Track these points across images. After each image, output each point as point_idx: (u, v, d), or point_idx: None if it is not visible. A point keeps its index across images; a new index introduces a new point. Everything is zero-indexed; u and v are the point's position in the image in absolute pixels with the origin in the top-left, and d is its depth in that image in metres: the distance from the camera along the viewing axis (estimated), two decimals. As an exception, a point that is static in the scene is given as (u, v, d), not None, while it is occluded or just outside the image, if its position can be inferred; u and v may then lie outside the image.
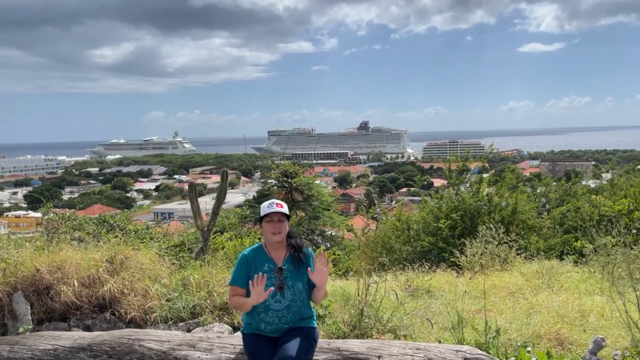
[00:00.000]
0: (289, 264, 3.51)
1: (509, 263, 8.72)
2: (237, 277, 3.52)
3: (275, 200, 3.54)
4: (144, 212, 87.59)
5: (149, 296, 4.83)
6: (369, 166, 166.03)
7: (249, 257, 3.54)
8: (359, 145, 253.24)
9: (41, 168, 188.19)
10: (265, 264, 3.51)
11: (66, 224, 13.64)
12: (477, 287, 7.55)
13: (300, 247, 3.56)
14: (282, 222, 3.48)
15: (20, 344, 3.61)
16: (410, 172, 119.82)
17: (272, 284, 3.43)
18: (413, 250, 11.60)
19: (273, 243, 3.51)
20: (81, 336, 3.61)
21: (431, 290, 7.47)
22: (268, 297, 3.38)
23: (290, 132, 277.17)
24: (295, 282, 3.47)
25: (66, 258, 4.96)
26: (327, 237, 18.44)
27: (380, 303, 4.53)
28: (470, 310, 6.33)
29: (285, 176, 18.92)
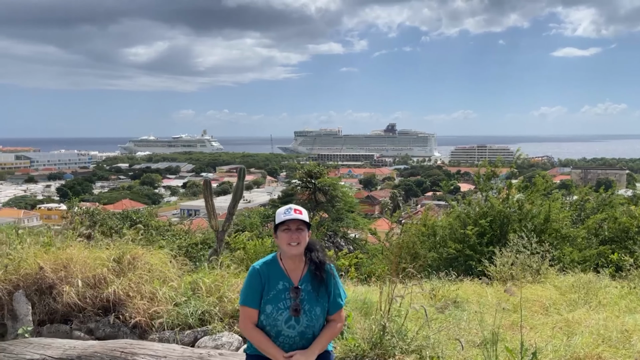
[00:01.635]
0: (307, 284, 3.01)
1: (542, 275, 8.25)
2: (248, 296, 3.00)
3: (293, 206, 3.03)
4: (170, 208, 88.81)
5: (156, 300, 4.56)
6: (394, 169, 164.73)
7: (261, 271, 3.02)
8: (385, 148, 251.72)
9: (74, 162, 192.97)
10: (280, 282, 3.00)
11: (90, 218, 13.69)
12: (507, 299, 7.12)
13: (321, 263, 3.03)
14: (301, 231, 2.96)
15: (6, 352, 3.39)
16: (437, 176, 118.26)
17: (287, 306, 2.96)
18: (439, 257, 11.20)
19: (290, 256, 3.00)
20: (72, 346, 3.37)
21: (458, 301, 7.07)
22: (281, 321, 2.95)
23: (316, 132, 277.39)
24: (313, 306, 2.98)
25: (72, 256, 4.74)
26: (349, 240, 18.08)
27: (405, 318, 4.13)
28: (501, 325, 5.92)
29: (309, 176, 18.66)
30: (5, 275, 4.61)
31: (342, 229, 18.00)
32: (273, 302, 2.97)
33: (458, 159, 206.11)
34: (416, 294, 7.35)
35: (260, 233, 13.27)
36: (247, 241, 9.50)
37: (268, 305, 2.97)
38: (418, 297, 7.19)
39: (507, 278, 8.30)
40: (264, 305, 2.98)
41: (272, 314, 2.96)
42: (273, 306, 2.97)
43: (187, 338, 4.22)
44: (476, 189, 12.31)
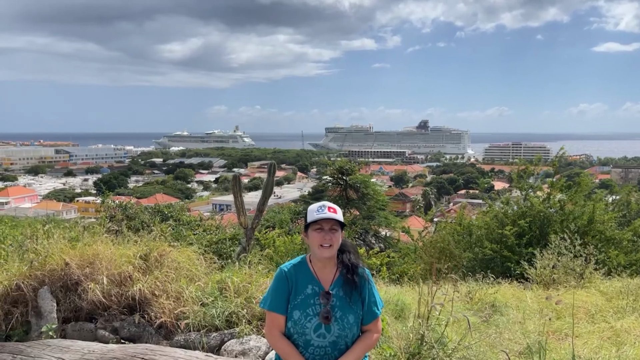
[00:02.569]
0: (338, 288, 2.73)
1: (586, 279, 7.82)
2: (274, 300, 2.75)
3: (327, 203, 2.75)
4: (203, 203, 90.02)
5: (182, 299, 4.41)
6: (426, 166, 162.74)
7: (289, 274, 2.76)
8: (417, 145, 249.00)
9: (110, 157, 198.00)
10: (309, 286, 2.74)
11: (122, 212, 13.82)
12: (549, 304, 6.75)
13: (354, 266, 2.75)
14: (334, 231, 2.69)
15: (23, 354, 3.29)
16: (470, 174, 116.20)
17: (316, 312, 2.68)
18: (474, 258, 10.83)
19: (321, 258, 2.72)
20: (91, 350, 3.24)
21: (496, 305, 6.74)
22: (309, 329, 2.68)
23: (347, 129, 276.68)
24: (346, 313, 2.70)
25: (98, 252, 4.64)
26: (381, 238, 17.75)
27: (445, 327, 3.84)
28: (544, 332, 5.58)
29: (340, 173, 18.40)
30: (30, 271, 4.54)
31: (373, 227, 17.69)
32: (301, 307, 2.71)
33: (492, 157, 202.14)
34: (452, 296, 7.07)
35: (290, 230, 13.11)
36: (277, 238, 9.37)
37: (296, 311, 2.72)
38: (454, 300, 6.90)
39: (549, 282, 7.91)
40: (291, 311, 2.73)
41: (300, 320, 2.70)
42: (301, 312, 2.71)
43: (213, 341, 4.05)
44: (511, 187, 11.86)
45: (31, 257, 4.67)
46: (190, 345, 3.94)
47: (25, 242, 4.99)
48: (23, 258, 4.83)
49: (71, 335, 4.28)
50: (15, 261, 4.83)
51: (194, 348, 3.87)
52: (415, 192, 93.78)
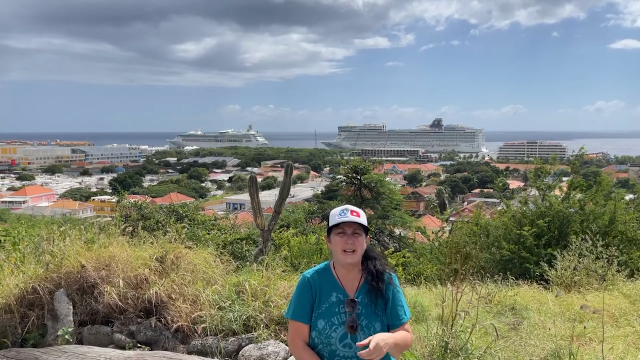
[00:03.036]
0: (364, 296, 2.63)
1: (608, 281, 7.63)
2: (297, 308, 2.65)
3: (350, 207, 2.66)
4: (217, 201, 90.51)
5: (199, 302, 4.35)
6: (440, 165, 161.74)
7: (312, 281, 2.65)
8: (430, 143, 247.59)
9: (125, 156, 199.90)
10: (333, 293, 2.63)
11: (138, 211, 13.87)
12: (570, 307, 6.60)
13: (380, 272, 2.64)
14: (357, 236, 2.59)
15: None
16: (485, 172, 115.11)
17: (342, 321, 2.57)
18: (492, 259, 10.64)
19: (344, 265, 2.62)
20: (108, 357, 3.19)
21: (516, 308, 6.60)
22: (335, 339, 2.56)
23: (360, 128, 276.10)
24: (372, 322, 2.59)
25: (114, 254, 4.59)
26: (396, 238, 17.61)
27: (470, 334, 3.70)
28: (566, 336, 5.44)
29: (355, 172, 18.29)
30: (46, 274, 4.51)
31: (388, 226, 17.55)
32: (325, 316, 2.60)
33: (507, 155, 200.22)
34: (471, 299, 6.94)
35: (304, 230, 13.05)
36: (291, 237, 9.30)
37: (320, 320, 2.60)
38: (474, 302, 6.77)
39: (570, 284, 7.74)
40: (315, 320, 2.61)
41: (325, 330, 2.58)
42: (326, 321, 2.59)
43: (230, 345, 3.98)
44: (526, 186, 11.67)
45: (47, 259, 4.64)
46: (207, 350, 3.88)
47: (42, 243, 4.97)
48: (39, 260, 4.81)
49: (87, 339, 4.25)
50: (32, 263, 4.82)
51: (211, 353, 3.82)
52: (429, 191, 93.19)
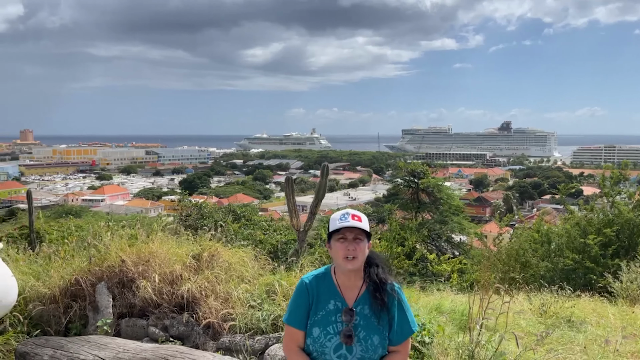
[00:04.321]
0: (363, 306, 2.50)
1: (680, 296, 7.03)
2: (293, 313, 2.57)
3: (351, 211, 2.54)
4: (280, 203, 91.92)
5: (230, 300, 4.42)
6: (508, 169, 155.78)
7: (310, 286, 2.56)
8: (498, 147, 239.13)
9: (195, 158, 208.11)
10: (332, 301, 2.52)
11: (198, 210, 14.36)
12: (633, 322, 6.13)
13: (382, 282, 2.51)
14: (359, 242, 2.46)
15: (64, 349, 3.42)
16: (556, 178, 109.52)
17: (337, 331, 2.46)
18: (553, 268, 10.09)
19: (345, 271, 2.51)
20: (125, 349, 3.31)
21: (573, 320, 6.21)
22: (329, 349, 2.46)
23: (425, 130, 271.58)
24: (370, 334, 2.47)
25: (153, 251, 4.77)
26: (454, 244, 17.10)
27: (500, 343, 3.50)
28: (625, 352, 5.06)
29: (412, 175, 17.97)
30: (89, 267, 4.76)
31: (446, 232, 17.09)
32: (321, 324, 2.50)
33: (581, 160, 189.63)
34: (523, 309, 6.62)
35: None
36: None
37: (315, 328, 2.50)
38: (526, 313, 6.45)
39: (636, 297, 7.20)
40: (310, 327, 2.52)
41: (320, 338, 2.49)
42: (321, 329, 2.49)
43: (257, 344, 4.01)
44: (602, 194, 10.94)
45: (92, 254, 4.91)
46: (235, 348, 3.94)
47: (88, 238, 5.26)
48: (85, 254, 5.10)
49: (125, 331, 4.46)
50: (77, 257, 5.10)
51: (237, 350, 3.87)
52: (496, 196, 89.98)
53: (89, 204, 78.24)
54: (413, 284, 8.72)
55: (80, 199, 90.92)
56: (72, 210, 31.70)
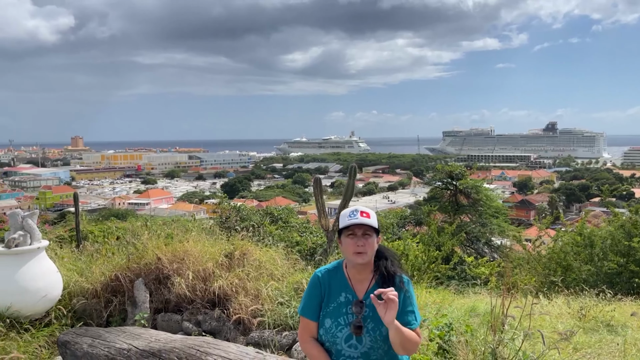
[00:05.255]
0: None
1: None
2: (306, 305, 2.71)
3: (360, 208, 2.66)
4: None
5: (260, 297, 4.56)
6: (554, 171, 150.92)
7: (322, 280, 2.70)
8: (543, 148, 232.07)
9: (236, 162, 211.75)
10: (342, 293, 2.65)
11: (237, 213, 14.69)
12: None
13: (391, 274, 2.63)
14: (368, 237, 2.59)
15: (101, 338, 3.63)
16: (605, 179, 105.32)
17: (348, 322, 2.58)
18: (596, 272, 9.78)
19: (355, 265, 2.64)
20: (157, 339, 3.48)
21: (612, 324, 6.03)
22: (340, 339, 2.59)
23: (466, 132, 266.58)
24: (379, 325, 2.56)
25: (188, 249, 4.97)
26: (494, 247, 16.75)
27: (523, 342, 3.47)
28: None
29: (450, 177, 17.73)
30: (128, 264, 5.01)
31: (485, 234, 16.76)
32: (332, 316, 2.63)
33: (632, 161, 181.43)
34: (562, 313, 6.48)
35: (393, 235, 12.94)
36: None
37: (327, 319, 2.64)
38: (564, 316, 6.32)
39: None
40: (323, 319, 2.66)
41: (331, 329, 2.62)
42: (332, 320, 2.63)
43: (285, 340, 4.13)
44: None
45: (130, 251, 5.16)
46: (263, 343, 4.07)
47: (127, 237, 5.53)
48: (124, 252, 5.36)
49: (161, 325, 4.67)
50: (119, 255, 5.37)
51: (265, 345, 4.00)
52: (541, 199, 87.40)
53: (134, 207, 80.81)
54: (448, 287, 8.66)
55: (126, 203, 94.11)
56: (118, 213, 32.88)
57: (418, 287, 6.88)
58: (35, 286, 5.17)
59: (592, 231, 11.10)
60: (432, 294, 6.53)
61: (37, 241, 5.36)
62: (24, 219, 5.32)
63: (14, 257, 5.23)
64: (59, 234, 11.75)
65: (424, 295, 6.19)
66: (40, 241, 5.41)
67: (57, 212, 54.96)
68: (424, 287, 6.96)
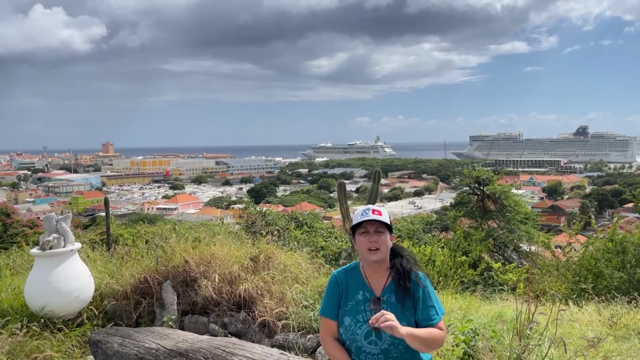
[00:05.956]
0: (390, 294, 2.68)
1: None
2: (326, 305, 2.79)
3: (372, 206, 2.73)
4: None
5: (284, 300, 4.62)
6: (585, 176, 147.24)
7: (339, 279, 2.78)
8: (574, 153, 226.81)
9: (262, 168, 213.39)
10: (360, 291, 2.72)
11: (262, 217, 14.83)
12: None
13: (407, 271, 2.68)
14: (380, 234, 2.65)
15: (131, 338, 3.73)
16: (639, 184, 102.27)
17: (366, 319, 2.63)
18: (628, 279, 9.53)
19: (370, 263, 2.70)
20: (184, 339, 3.56)
21: (644, 333, 5.88)
22: (360, 336, 2.66)
23: (494, 137, 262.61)
24: (398, 321, 2.56)
25: (214, 252, 5.06)
26: (522, 254, 16.44)
27: (549, 349, 3.42)
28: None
29: (477, 183, 17.50)
30: (156, 266, 5.14)
31: (513, 241, 16.47)
32: (351, 313, 2.70)
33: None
34: (593, 320, 6.35)
35: (419, 241, 12.85)
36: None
37: (346, 317, 2.71)
38: (594, 324, 6.20)
39: None
40: (342, 317, 2.73)
41: (351, 327, 2.69)
42: (351, 318, 2.69)
43: (309, 342, 4.17)
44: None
45: (159, 254, 5.28)
46: (287, 345, 4.11)
47: (155, 240, 5.66)
48: (153, 255, 5.49)
49: (188, 327, 4.76)
50: (148, 258, 5.51)
51: (290, 348, 4.04)
52: (572, 204, 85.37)
53: (162, 212, 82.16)
54: (474, 292, 8.56)
55: (155, 208, 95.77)
56: (146, 218, 33.49)
57: (444, 293, 6.84)
58: (68, 287, 5.34)
59: (625, 237, 10.82)
60: (458, 300, 6.49)
61: (71, 244, 5.54)
62: (58, 222, 5.50)
63: (48, 259, 5.42)
64: (90, 238, 12.11)
65: (449, 300, 6.16)
66: (73, 244, 5.59)
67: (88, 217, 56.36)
68: (449, 293, 6.92)
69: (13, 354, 4.41)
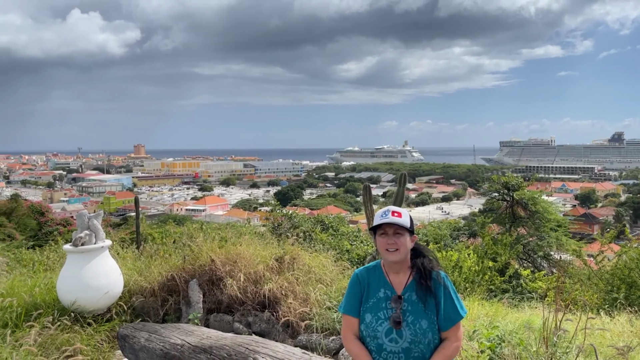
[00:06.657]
0: (411, 293, 2.72)
1: None
2: (347, 303, 2.84)
3: (392, 208, 2.79)
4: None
5: (308, 301, 4.63)
6: (620, 184, 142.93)
7: (361, 277, 2.83)
8: (609, 160, 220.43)
9: (289, 171, 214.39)
10: (381, 289, 2.76)
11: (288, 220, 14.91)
12: None
13: (428, 270, 2.73)
14: (399, 235, 2.70)
15: (157, 334, 3.81)
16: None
17: (387, 316, 2.69)
18: (664, 289, 9.23)
19: (388, 263, 2.77)
20: (209, 336, 3.62)
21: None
22: (381, 333, 2.68)
23: (525, 142, 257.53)
24: (418, 319, 2.67)
25: (240, 252, 5.11)
26: (552, 261, 16.06)
27: (577, 357, 3.33)
28: None
29: (506, 188, 17.20)
30: (183, 265, 5.22)
31: (543, 248, 16.10)
32: (372, 310, 2.74)
33: None
34: (624, 331, 6.18)
35: (445, 246, 12.71)
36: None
37: (367, 314, 2.75)
38: (626, 334, 6.02)
39: None
40: (363, 314, 2.77)
41: (372, 324, 2.72)
42: (372, 315, 2.73)
43: (332, 344, 4.17)
44: None
45: (186, 253, 5.38)
46: (311, 346, 4.12)
47: (183, 239, 5.76)
48: (180, 254, 5.59)
49: (213, 325, 4.82)
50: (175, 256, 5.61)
51: (313, 349, 4.05)
52: (606, 212, 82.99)
53: (191, 213, 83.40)
54: (502, 300, 8.43)
55: (183, 209, 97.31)
56: (175, 219, 34.05)
57: (470, 299, 6.75)
58: (98, 283, 5.49)
59: (660, 247, 10.50)
60: (484, 306, 6.39)
61: (102, 240, 5.70)
62: (89, 219, 5.66)
63: (79, 255, 5.58)
64: (121, 237, 12.41)
65: (476, 307, 6.08)
66: (104, 241, 5.75)
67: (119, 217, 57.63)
68: (476, 299, 6.82)
69: (44, 346, 4.56)
